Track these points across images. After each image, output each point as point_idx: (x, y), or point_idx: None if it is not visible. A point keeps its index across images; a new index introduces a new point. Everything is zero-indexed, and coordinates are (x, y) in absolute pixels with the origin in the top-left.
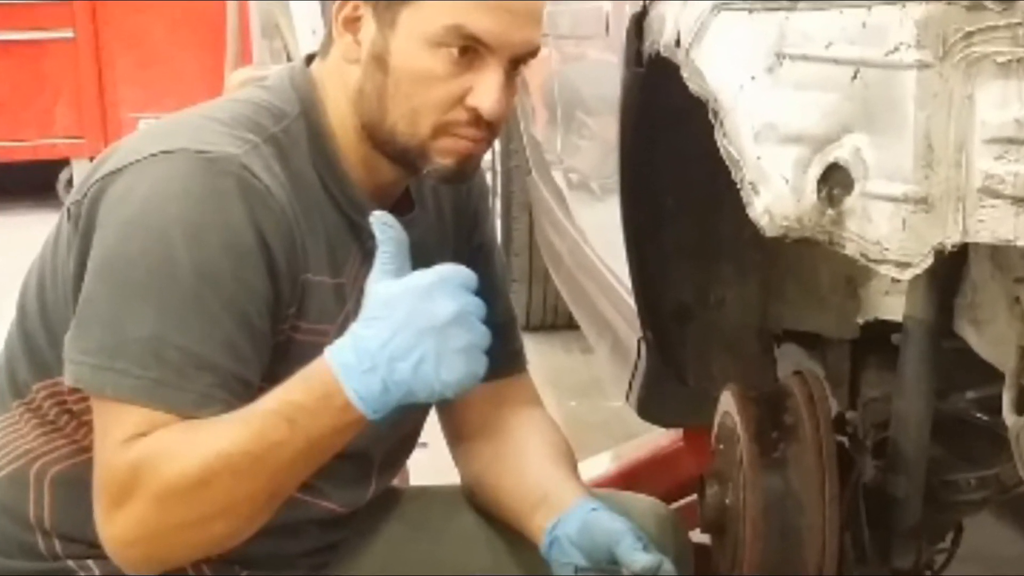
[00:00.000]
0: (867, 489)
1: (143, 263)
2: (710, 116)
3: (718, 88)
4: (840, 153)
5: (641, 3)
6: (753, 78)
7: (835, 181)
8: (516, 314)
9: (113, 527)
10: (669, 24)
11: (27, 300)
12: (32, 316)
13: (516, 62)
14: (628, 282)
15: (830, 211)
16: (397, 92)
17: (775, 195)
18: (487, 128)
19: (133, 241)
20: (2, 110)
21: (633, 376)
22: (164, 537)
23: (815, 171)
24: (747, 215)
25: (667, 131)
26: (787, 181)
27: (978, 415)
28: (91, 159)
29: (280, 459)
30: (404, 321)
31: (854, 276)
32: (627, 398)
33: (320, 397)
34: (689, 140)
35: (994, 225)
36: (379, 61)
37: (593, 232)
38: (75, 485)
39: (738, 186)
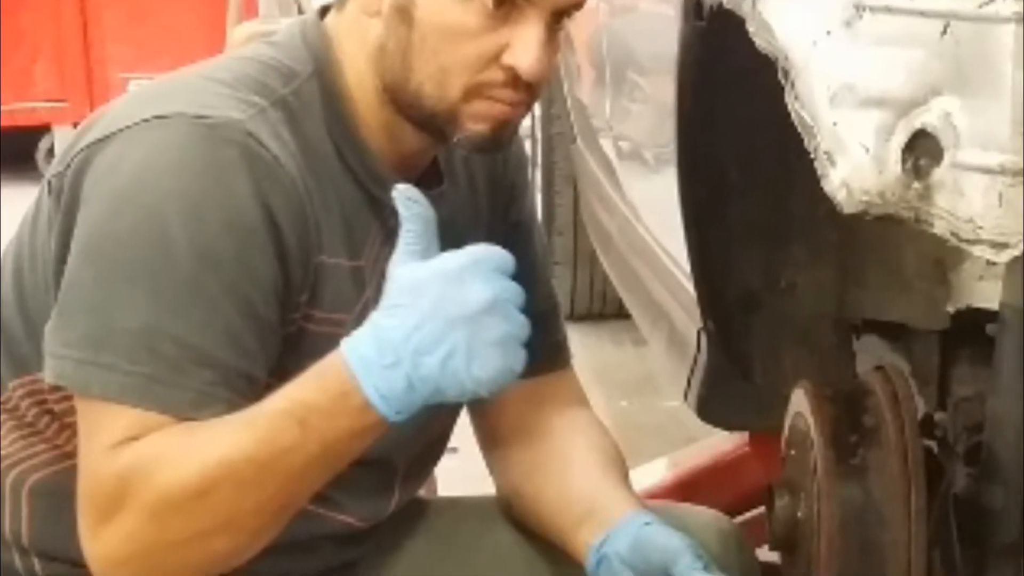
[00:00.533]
0: (958, 500)
1: (134, 243)
2: (779, 76)
3: (789, 44)
4: (927, 118)
5: None
6: (829, 33)
7: (922, 150)
8: (559, 301)
9: (100, 544)
10: None
11: (1, 286)
12: (8, 304)
13: (559, 15)
14: (687, 265)
15: (916, 184)
16: (423, 49)
17: (854, 166)
18: (526, 90)
19: (122, 218)
20: None
21: (692, 372)
22: (158, 555)
23: (899, 139)
24: (822, 189)
25: (731, 93)
26: (867, 150)
27: None
28: (75, 125)
29: (290, 466)
30: (431, 309)
31: (944, 258)
32: (685, 397)
33: (336, 396)
34: (756, 104)
35: None
36: (403, 13)
37: (647, 208)
38: (56, 496)
39: (812, 156)
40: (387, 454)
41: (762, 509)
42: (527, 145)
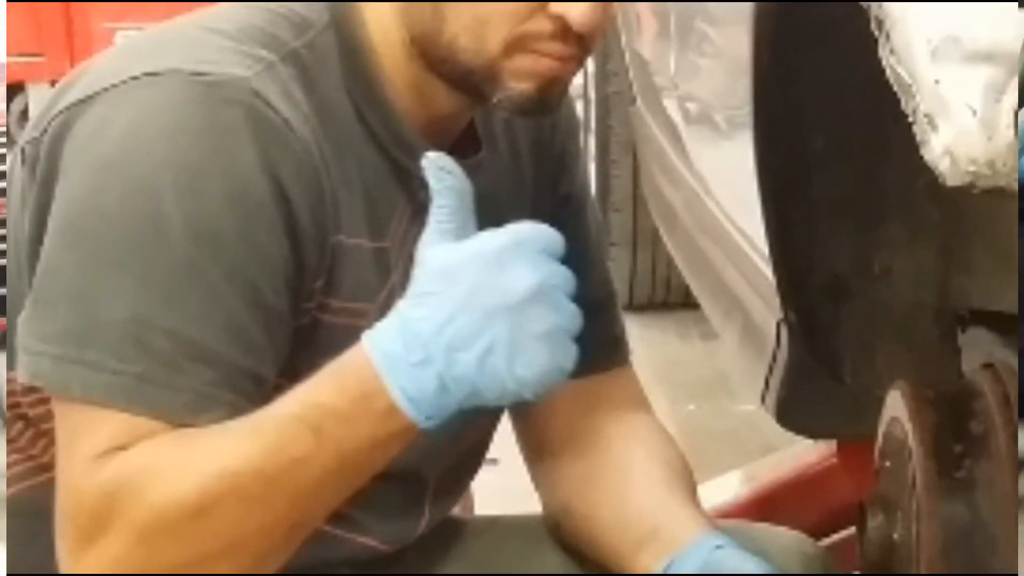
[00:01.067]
0: None
1: (121, 221)
2: (872, 26)
3: None
4: None
5: None
6: None
7: None
8: (616, 289)
9: (82, 570)
10: None
11: None
12: None
13: None
14: (764, 247)
15: None
16: None
17: (959, 131)
18: (577, 43)
19: (108, 192)
20: None
21: (771, 371)
22: None
23: (1011, 99)
24: (921, 158)
25: (815, 47)
26: (975, 112)
27: None
28: (52, 84)
29: (303, 480)
30: (467, 298)
31: None
32: (763, 400)
33: (356, 398)
34: (844, 59)
35: None
36: None
37: (717, 180)
38: (32, 515)
39: (910, 120)
40: (416, 466)
41: (852, 530)
42: (579, 107)
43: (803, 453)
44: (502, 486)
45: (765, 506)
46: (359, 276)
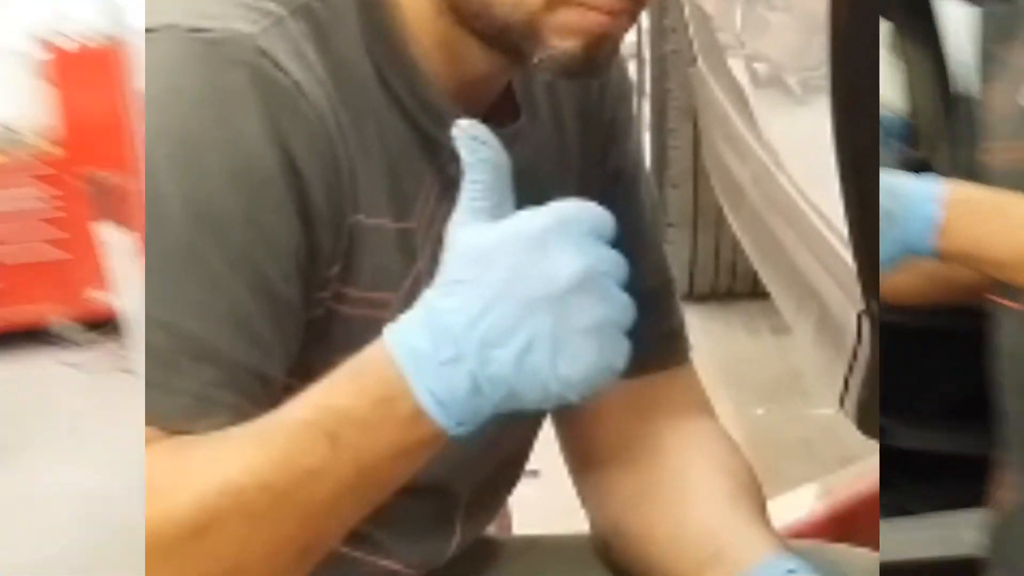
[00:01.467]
0: None
1: None
2: None
3: None
4: None
5: None
6: None
7: None
8: (674, 276)
9: None
10: None
11: None
12: None
13: None
14: (843, 227)
15: None
16: None
17: None
18: None
19: None
20: None
21: (850, 370)
22: None
23: None
24: None
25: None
26: None
27: None
28: None
29: (317, 495)
30: (504, 286)
31: None
32: (841, 403)
33: (377, 402)
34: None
35: None
36: None
37: (790, 151)
38: None
39: None
40: (445, 479)
41: None
42: (631, 68)
43: None
44: (543, 501)
45: (843, 524)
46: (380, 261)
